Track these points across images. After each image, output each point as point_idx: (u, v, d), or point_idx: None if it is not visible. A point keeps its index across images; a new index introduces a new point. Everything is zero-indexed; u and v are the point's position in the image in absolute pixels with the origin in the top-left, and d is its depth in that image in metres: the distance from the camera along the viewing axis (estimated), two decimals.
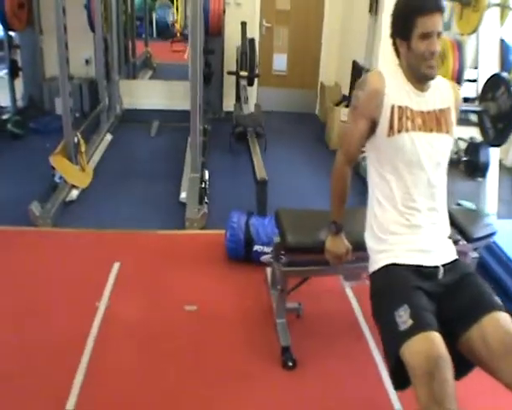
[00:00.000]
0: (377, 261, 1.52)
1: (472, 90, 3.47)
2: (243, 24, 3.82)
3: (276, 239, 2.12)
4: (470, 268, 1.60)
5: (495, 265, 2.48)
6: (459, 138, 4.57)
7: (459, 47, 3.29)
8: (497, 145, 3.15)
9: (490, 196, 3.29)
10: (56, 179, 3.07)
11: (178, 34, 3.67)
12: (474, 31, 3.14)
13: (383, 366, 1.95)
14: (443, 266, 1.47)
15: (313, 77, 4.94)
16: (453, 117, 1.55)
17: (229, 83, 4.49)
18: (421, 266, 1.46)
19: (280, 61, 4.80)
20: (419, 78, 1.48)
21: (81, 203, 3.11)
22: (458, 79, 3.25)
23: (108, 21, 4.16)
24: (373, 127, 1.51)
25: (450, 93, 1.56)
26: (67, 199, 3.04)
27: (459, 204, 3.66)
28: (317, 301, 2.35)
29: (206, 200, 3.02)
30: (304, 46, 4.78)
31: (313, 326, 2.25)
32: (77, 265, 2.48)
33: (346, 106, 4.20)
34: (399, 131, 1.46)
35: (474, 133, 4.59)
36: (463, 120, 4.58)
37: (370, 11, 3.81)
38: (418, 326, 1.29)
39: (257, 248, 2.54)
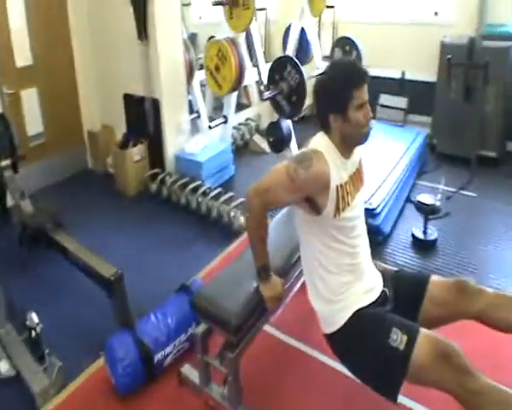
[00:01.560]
0: (338, 320, 1.57)
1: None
2: None
3: (200, 329, 1.76)
4: (388, 268, 1.82)
5: None
6: (243, 123, 4.74)
7: (235, 44, 3.28)
8: (295, 116, 3.30)
9: None
10: None
11: None
12: (247, 27, 3.19)
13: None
14: (384, 286, 1.67)
15: (77, 129, 4.22)
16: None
17: None
18: (377, 299, 1.62)
19: (35, 129, 3.89)
20: (354, 144, 1.56)
21: None
22: (241, 72, 3.25)
23: None
24: (309, 203, 1.50)
25: (359, 151, 1.65)
26: None
27: None
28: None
29: (46, 350, 2.10)
30: (59, 100, 3.93)
31: (263, 385, 1.97)
32: None
33: (135, 144, 3.76)
34: (343, 210, 1.51)
35: (248, 115, 4.89)
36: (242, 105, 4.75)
37: (140, 38, 3.43)
38: (413, 334, 1.43)
39: (158, 356, 2.00)
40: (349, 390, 1.92)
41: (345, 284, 1.57)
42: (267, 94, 3.04)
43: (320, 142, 1.54)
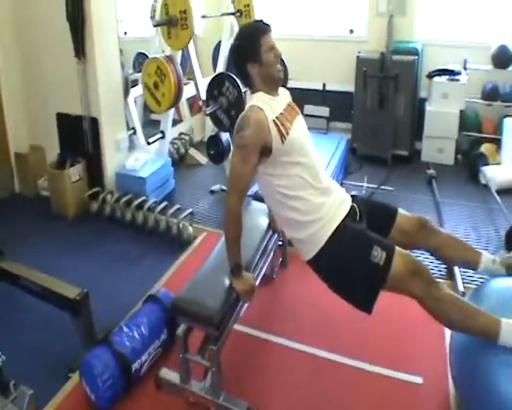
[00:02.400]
0: (320, 238, 1.75)
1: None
2: None
3: (181, 330, 1.87)
4: (358, 195, 2.05)
5: None
6: (177, 138, 4.82)
7: (172, 61, 3.38)
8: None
9: None
10: None
11: None
12: (185, 45, 3.30)
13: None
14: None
15: (2, 151, 3.97)
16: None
17: None
18: (349, 213, 1.83)
19: None
20: (274, 83, 1.84)
21: None
22: (179, 89, 3.37)
23: None
24: (263, 152, 1.71)
25: (286, 92, 2.02)
26: None
27: (212, 191, 3.98)
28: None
29: (12, 382, 1.95)
30: None
31: (237, 374, 2.10)
32: None
33: (72, 164, 3.69)
34: (287, 133, 1.75)
35: (181, 129, 4.99)
36: (174, 121, 4.82)
37: (77, 56, 3.38)
38: (391, 251, 1.69)
39: (135, 366, 2.04)
40: (317, 367, 2.14)
41: (319, 204, 1.76)
42: (209, 109, 3.20)
43: (251, 99, 1.83)
